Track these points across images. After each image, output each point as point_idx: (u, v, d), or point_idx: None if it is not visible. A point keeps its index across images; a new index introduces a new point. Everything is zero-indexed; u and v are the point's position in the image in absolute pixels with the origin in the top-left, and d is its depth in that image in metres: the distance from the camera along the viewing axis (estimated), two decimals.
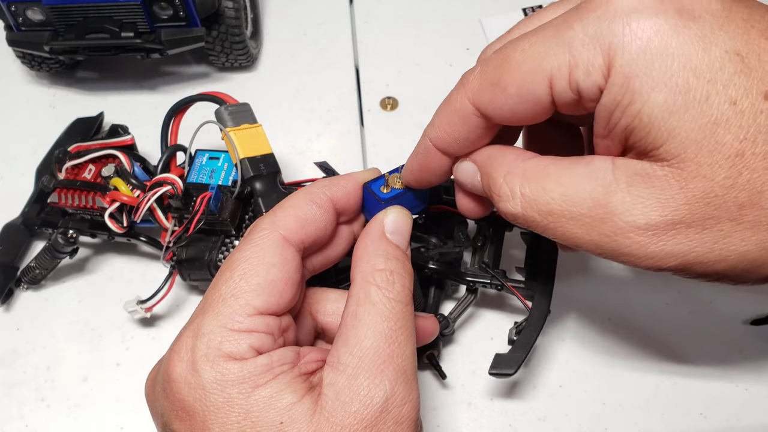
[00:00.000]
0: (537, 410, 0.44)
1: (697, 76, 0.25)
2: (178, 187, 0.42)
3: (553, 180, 0.29)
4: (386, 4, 0.66)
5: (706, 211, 0.26)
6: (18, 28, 0.54)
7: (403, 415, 0.29)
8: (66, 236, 0.45)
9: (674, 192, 0.26)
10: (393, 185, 0.36)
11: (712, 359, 0.45)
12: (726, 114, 0.25)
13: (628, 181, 0.27)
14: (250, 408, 0.28)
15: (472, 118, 0.31)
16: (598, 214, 0.28)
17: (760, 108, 0.25)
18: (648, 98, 0.26)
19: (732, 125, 0.25)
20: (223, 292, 0.30)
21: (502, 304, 0.47)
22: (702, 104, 0.25)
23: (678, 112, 0.25)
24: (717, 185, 0.26)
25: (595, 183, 0.28)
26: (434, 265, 0.42)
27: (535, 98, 0.29)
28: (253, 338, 0.29)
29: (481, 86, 0.30)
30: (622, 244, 0.28)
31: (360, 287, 0.31)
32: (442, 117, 0.33)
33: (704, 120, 0.25)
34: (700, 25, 0.26)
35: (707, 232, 0.26)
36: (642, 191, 0.27)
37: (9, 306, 0.49)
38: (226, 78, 0.61)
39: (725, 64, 0.25)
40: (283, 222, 0.32)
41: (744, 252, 0.27)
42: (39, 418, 0.45)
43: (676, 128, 0.26)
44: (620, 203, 0.27)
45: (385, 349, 0.29)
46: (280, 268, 0.31)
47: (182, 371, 0.29)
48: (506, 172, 0.31)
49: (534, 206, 0.29)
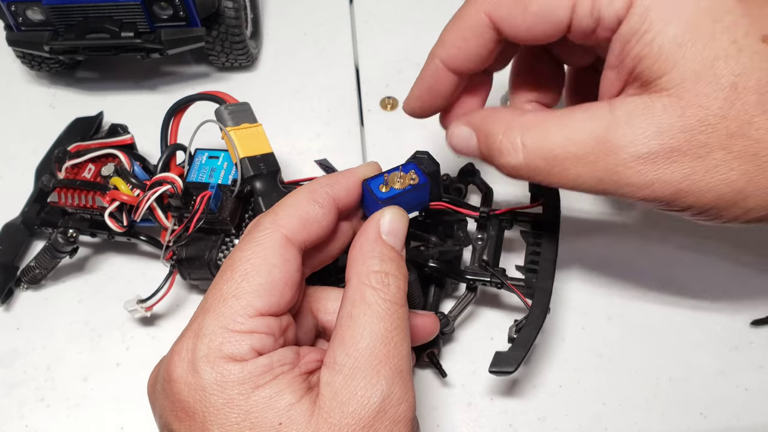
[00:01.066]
0: (537, 410, 0.44)
1: (706, 15, 0.28)
2: (177, 186, 0.42)
3: (554, 127, 0.31)
4: (386, 4, 0.66)
5: (701, 139, 0.28)
6: (18, 28, 0.54)
7: (400, 415, 0.29)
8: (66, 236, 0.45)
9: (672, 120, 0.29)
10: (392, 184, 0.35)
11: (712, 359, 0.45)
12: (726, 50, 0.28)
13: (627, 117, 0.29)
14: (249, 409, 0.28)
15: (487, 31, 0.33)
16: (602, 150, 0.30)
17: (756, 48, 0.28)
18: (662, 29, 0.28)
19: (730, 61, 0.28)
20: (224, 293, 0.30)
21: (502, 302, 0.47)
22: (708, 40, 0.28)
23: (686, 45, 0.28)
24: (711, 114, 0.28)
25: (595, 123, 0.30)
26: (434, 264, 0.42)
27: (554, 19, 0.31)
28: (254, 339, 0.29)
29: (501, 2, 0.32)
30: (624, 175, 0.30)
31: (355, 288, 0.31)
32: (453, 33, 0.34)
33: (707, 54, 0.28)
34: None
35: (700, 160, 0.29)
36: (642, 123, 0.29)
37: (9, 306, 0.49)
38: (226, 78, 0.61)
39: (732, 8, 0.28)
40: (285, 221, 0.32)
41: (731, 182, 0.29)
42: (39, 418, 0.45)
43: (682, 59, 0.28)
44: (622, 136, 0.29)
45: (382, 349, 0.30)
46: (281, 269, 0.31)
47: (182, 372, 0.29)
48: (505, 127, 0.32)
49: (537, 153, 0.31)
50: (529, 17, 0.32)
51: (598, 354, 0.45)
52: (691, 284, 0.47)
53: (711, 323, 0.46)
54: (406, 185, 0.36)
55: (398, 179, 0.36)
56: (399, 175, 0.36)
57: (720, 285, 0.47)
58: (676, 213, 0.31)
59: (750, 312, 0.46)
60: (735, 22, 0.28)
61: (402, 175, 0.36)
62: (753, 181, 0.29)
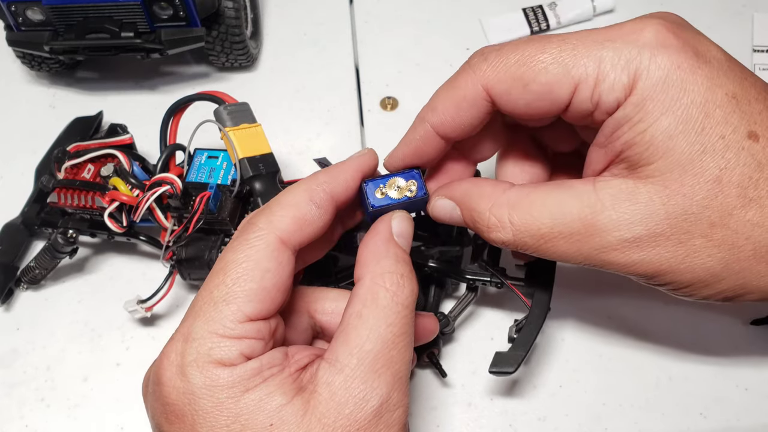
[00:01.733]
0: (537, 410, 0.44)
1: (699, 110, 0.29)
2: (177, 186, 0.42)
3: (539, 206, 0.32)
4: (386, 4, 0.66)
5: (683, 226, 0.30)
6: (18, 28, 0.54)
7: (395, 420, 0.29)
8: (66, 236, 0.45)
9: (657, 207, 0.30)
10: (389, 191, 0.35)
11: (712, 359, 0.45)
12: (714, 145, 0.29)
13: (612, 201, 0.31)
14: (239, 411, 0.28)
15: (482, 104, 0.34)
16: (588, 232, 0.31)
17: (742, 145, 0.30)
18: (656, 120, 0.30)
19: (716, 155, 0.29)
20: (215, 296, 0.30)
21: (502, 302, 0.47)
22: (698, 134, 0.29)
23: (676, 138, 0.29)
24: (695, 204, 0.30)
25: (581, 204, 0.31)
26: (434, 264, 0.42)
27: (554, 99, 0.32)
28: (243, 345, 0.29)
29: (500, 77, 0.32)
30: (610, 255, 0.31)
31: (367, 288, 0.31)
32: (447, 101, 0.35)
33: (696, 147, 0.29)
34: (710, 69, 0.30)
35: (681, 246, 0.30)
36: (627, 208, 0.30)
37: (9, 306, 0.49)
38: (226, 78, 0.61)
39: (723, 104, 0.30)
40: (281, 223, 0.31)
41: (709, 267, 0.31)
42: (39, 418, 0.45)
43: (671, 150, 0.29)
44: (608, 221, 0.31)
45: (386, 353, 0.30)
46: (274, 274, 0.30)
47: (171, 375, 0.29)
48: (491, 204, 0.33)
49: (525, 232, 0.32)
50: (528, 96, 0.32)
51: (598, 354, 0.45)
52: None
53: (711, 323, 0.46)
54: (402, 196, 0.35)
55: (397, 187, 0.35)
56: (399, 183, 0.35)
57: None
58: (655, 286, 0.33)
59: (750, 312, 0.46)
60: (724, 118, 0.29)
61: (402, 183, 0.36)
62: (728, 267, 0.31)
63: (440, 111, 0.35)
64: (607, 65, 0.30)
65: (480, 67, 0.33)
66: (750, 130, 0.30)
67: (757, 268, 0.31)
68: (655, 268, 0.31)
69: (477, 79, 0.33)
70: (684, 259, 0.31)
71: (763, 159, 0.30)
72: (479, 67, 0.33)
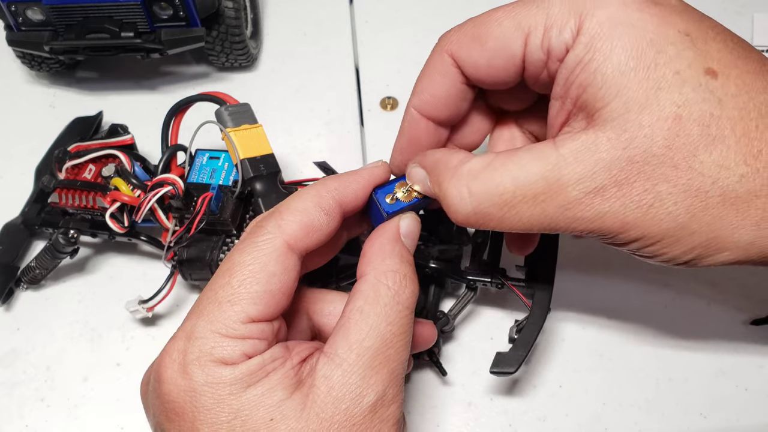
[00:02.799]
0: (537, 410, 0.44)
1: (650, 45, 0.28)
2: (179, 187, 0.42)
3: (500, 171, 0.31)
4: (386, 4, 0.66)
5: (646, 170, 0.28)
6: (18, 28, 0.54)
7: (389, 415, 0.30)
8: (67, 236, 0.45)
9: (618, 153, 0.29)
10: (398, 194, 0.35)
11: (712, 359, 0.45)
12: (669, 81, 0.28)
13: (573, 154, 0.29)
14: (240, 407, 0.28)
15: (452, 71, 0.34)
16: (552, 190, 0.30)
17: (700, 80, 0.28)
18: (606, 58, 0.29)
19: (673, 91, 0.28)
20: (219, 297, 0.30)
21: (503, 302, 0.47)
22: (650, 70, 0.28)
23: (628, 74, 0.28)
24: (656, 145, 0.28)
25: (542, 163, 0.30)
26: (434, 264, 0.42)
27: (510, 53, 0.32)
28: (246, 345, 0.29)
29: (461, 40, 0.34)
30: (576, 210, 0.30)
31: (370, 285, 0.31)
32: (422, 81, 0.36)
33: (649, 84, 0.28)
34: (661, 9, 0.29)
35: (647, 193, 0.29)
36: (589, 159, 0.29)
37: (9, 306, 0.49)
38: (226, 78, 0.61)
39: (676, 41, 0.29)
40: (289, 228, 0.31)
41: (675, 216, 0.29)
42: (39, 418, 0.45)
43: (624, 87, 0.28)
44: (571, 174, 0.29)
45: (384, 351, 0.30)
46: (280, 278, 0.30)
47: (173, 373, 0.29)
48: (451, 176, 0.32)
49: (487, 200, 0.31)
50: (486, 53, 0.33)
51: (598, 354, 0.46)
52: (691, 284, 0.48)
53: (711, 323, 0.46)
54: (412, 198, 0.35)
55: (405, 190, 0.35)
56: (407, 186, 0.35)
57: (720, 285, 0.47)
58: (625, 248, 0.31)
59: (750, 312, 0.46)
60: (678, 54, 0.28)
61: (410, 186, 0.35)
62: (696, 217, 0.29)
63: (418, 91, 0.36)
64: (555, 11, 0.30)
65: (445, 38, 0.35)
66: (707, 67, 0.29)
67: (728, 217, 0.29)
68: (621, 221, 0.29)
69: (442, 48, 0.34)
70: (649, 210, 0.29)
71: (723, 96, 0.28)
72: (445, 39, 0.35)
